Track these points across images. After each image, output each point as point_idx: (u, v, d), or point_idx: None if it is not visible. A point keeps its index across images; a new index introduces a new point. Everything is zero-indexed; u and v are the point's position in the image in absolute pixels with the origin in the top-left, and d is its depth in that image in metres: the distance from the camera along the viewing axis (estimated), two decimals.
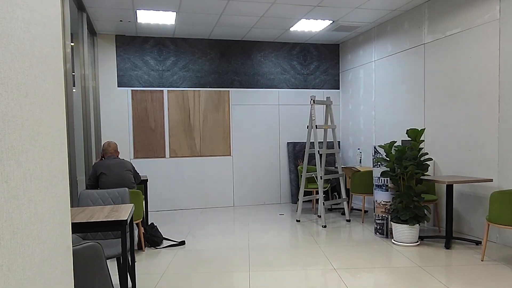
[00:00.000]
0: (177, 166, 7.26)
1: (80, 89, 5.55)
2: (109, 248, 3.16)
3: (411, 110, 5.93)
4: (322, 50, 7.92)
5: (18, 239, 0.81)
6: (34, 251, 0.91)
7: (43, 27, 1.05)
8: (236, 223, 6.05)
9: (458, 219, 5.17)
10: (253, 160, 7.59)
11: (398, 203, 4.64)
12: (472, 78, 4.85)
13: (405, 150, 4.66)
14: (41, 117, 1.00)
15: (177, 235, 5.35)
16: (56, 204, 1.12)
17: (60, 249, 1.15)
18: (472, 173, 4.89)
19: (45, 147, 1.02)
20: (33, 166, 0.92)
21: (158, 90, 7.15)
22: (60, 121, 1.20)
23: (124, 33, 6.90)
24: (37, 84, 0.97)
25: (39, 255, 0.94)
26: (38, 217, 0.95)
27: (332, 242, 4.84)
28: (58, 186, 1.15)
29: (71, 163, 4.26)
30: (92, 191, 3.64)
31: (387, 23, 6.44)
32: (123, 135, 7.00)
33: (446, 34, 5.23)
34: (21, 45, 0.87)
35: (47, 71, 1.06)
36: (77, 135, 5.02)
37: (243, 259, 4.25)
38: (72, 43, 5.15)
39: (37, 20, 1.00)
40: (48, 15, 1.10)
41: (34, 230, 0.91)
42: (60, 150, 1.18)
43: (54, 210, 1.09)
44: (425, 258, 4.16)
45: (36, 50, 0.98)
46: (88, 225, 2.68)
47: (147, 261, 4.25)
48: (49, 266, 1.02)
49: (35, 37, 0.97)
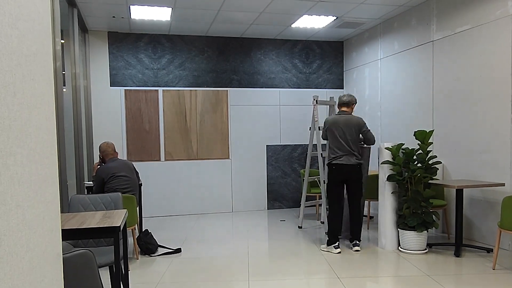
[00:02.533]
0: (173, 169, 7.26)
1: (70, 88, 5.56)
2: (101, 256, 3.15)
3: (419, 110, 5.93)
4: (325, 48, 7.93)
5: (5, 246, 0.81)
6: (22, 259, 0.91)
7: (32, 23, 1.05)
8: (235, 229, 6.04)
9: (468, 225, 5.16)
10: (253, 163, 7.59)
11: (406, 209, 4.64)
12: (483, 77, 4.86)
13: (413, 153, 4.66)
14: (30, 118, 1.00)
15: (172, 242, 5.34)
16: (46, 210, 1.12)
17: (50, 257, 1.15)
18: (483, 177, 4.89)
19: (34, 149, 1.02)
20: (21, 170, 0.92)
21: (153, 89, 7.15)
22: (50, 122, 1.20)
23: (117, 30, 6.91)
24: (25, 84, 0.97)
25: (28, 264, 0.94)
26: (27, 223, 0.94)
27: None
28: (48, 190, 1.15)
29: (61, 167, 4.25)
30: (84, 196, 3.63)
31: (394, 19, 6.45)
32: (116, 137, 6.99)
33: (456, 31, 5.24)
34: (8, 42, 0.87)
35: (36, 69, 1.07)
36: (67, 137, 5.02)
37: (242, 268, 4.24)
38: (63, 40, 5.16)
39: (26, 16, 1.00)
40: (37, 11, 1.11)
41: (22, 237, 0.91)
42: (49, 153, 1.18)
43: (43, 216, 1.09)
44: (433, 266, 4.16)
45: (25, 48, 0.98)
46: (79, 232, 2.68)
47: (141, 270, 4.25)
48: (38, 275, 1.02)
49: (23, 34, 0.97)
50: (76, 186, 5.50)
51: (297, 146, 7.81)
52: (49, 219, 1.16)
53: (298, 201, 7.77)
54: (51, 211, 1.18)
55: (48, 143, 1.16)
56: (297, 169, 7.80)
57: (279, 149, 7.73)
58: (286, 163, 7.77)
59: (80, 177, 5.55)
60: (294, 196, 7.80)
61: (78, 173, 5.55)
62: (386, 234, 4.81)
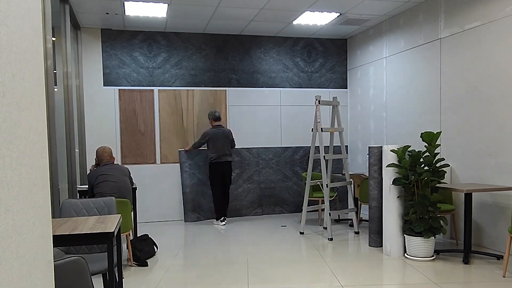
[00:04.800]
0: (168, 173, 7.25)
1: (62, 88, 5.56)
2: (94, 263, 3.15)
3: (426, 111, 5.94)
4: (328, 46, 7.94)
5: None
6: (12, 266, 0.91)
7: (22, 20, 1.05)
8: (234, 235, 6.04)
9: (477, 231, 5.16)
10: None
11: (412, 214, 4.64)
12: (493, 76, 4.86)
13: (420, 155, 4.66)
14: (20, 119, 1.00)
15: (168, 248, 5.34)
16: (36, 215, 1.12)
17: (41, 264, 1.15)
18: (493, 181, 4.89)
19: (23, 152, 1.02)
20: (10, 173, 0.92)
21: (148, 89, 7.16)
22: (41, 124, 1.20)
23: (111, 27, 6.92)
24: (15, 83, 0.97)
25: (17, 271, 0.94)
26: (16, 229, 0.94)
27: (339, 257, 4.83)
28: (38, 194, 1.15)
29: (52, 170, 4.25)
30: (76, 200, 3.63)
31: (400, 16, 6.46)
32: (110, 139, 7.00)
33: (465, 28, 5.24)
34: None
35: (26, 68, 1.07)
36: (59, 139, 5.02)
37: (241, 275, 4.24)
38: (54, 38, 5.16)
39: (15, 13, 1.00)
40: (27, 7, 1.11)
41: (12, 244, 0.91)
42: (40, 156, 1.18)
43: (33, 221, 1.09)
44: (441, 274, 4.15)
45: (14, 46, 0.98)
46: (71, 238, 2.68)
47: (135, 278, 4.24)
48: (28, 283, 1.02)
49: (12, 31, 0.97)
50: (68, 190, 5.50)
51: (298, 148, 7.81)
52: (40, 224, 1.15)
53: (300, 205, 7.77)
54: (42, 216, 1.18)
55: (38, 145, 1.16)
56: (298, 172, 7.80)
57: (279, 152, 7.73)
58: (287, 166, 7.77)
59: (72, 180, 5.55)
60: (296, 201, 7.80)
61: (70, 177, 5.55)
62: (391, 240, 4.81)
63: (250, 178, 7.59)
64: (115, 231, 2.79)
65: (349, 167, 7.99)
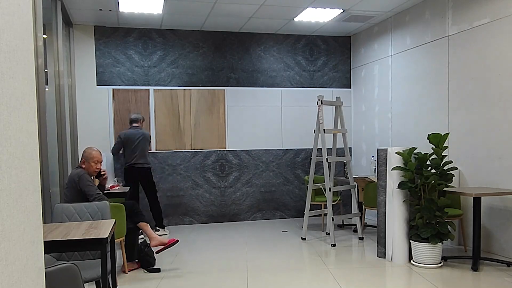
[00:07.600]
0: None
1: (54, 88, 5.56)
2: (87, 270, 3.15)
3: (433, 112, 5.94)
4: (331, 44, 7.95)
5: None
6: (1, 273, 0.91)
7: (11, 17, 1.05)
8: (232, 240, 6.04)
9: (486, 236, 5.16)
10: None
11: (418, 219, 4.64)
12: (503, 76, 4.87)
13: (426, 158, 4.66)
14: (10, 120, 1.00)
15: (163, 255, 5.33)
16: (27, 220, 1.12)
17: (31, 272, 1.15)
18: (503, 185, 4.89)
19: (13, 154, 1.02)
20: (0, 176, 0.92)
21: (143, 89, 7.16)
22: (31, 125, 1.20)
23: (104, 24, 6.93)
24: (4, 83, 0.97)
25: (7, 278, 0.94)
26: (6, 234, 0.94)
27: (343, 263, 4.83)
28: (29, 199, 1.15)
29: (43, 173, 4.25)
30: (68, 204, 3.63)
31: (406, 12, 6.47)
32: (103, 140, 6.99)
33: (473, 25, 5.25)
34: None
35: (16, 67, 1.07)
36: (50, 141, 5.02)
37: (240, 282, 4.23)
38: (45, 35, 5.16)
39: (4, 9, 1.00)
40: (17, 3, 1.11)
41: (1, 250, 0.91)
42: (31, 158, 1.18)
43: (24, 227, 1.09)
44: (449, 281, 4.15)
45: (3, 44, 0.98)
46: (63, 244, 2.67)
47: (130, 285, 4.24)
48: None
49: (2, 29, 0.97)
50: (59, 194, 5.49)
51: (300, 151, 7.81)
52: (30, 229, 1.16)
53: (302, 210, 7.77)
54: (33, 221, 1.18)
55: (29, 147, 1.17)
56: (300, 176, 7.80)
57: (280, 154, 7.73)
58: (289, 169, 7.77)
59: (64, 184, 5.55)
60: (297, 205, 7.80)
61: (62, 180, 5.55)
62: (396, 246, 4.80)
63: (249, 182, 7.60)
64: (108, 237, 2.79)
65: (353, 170, 7.99)
